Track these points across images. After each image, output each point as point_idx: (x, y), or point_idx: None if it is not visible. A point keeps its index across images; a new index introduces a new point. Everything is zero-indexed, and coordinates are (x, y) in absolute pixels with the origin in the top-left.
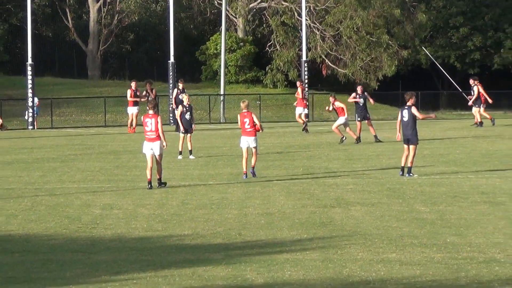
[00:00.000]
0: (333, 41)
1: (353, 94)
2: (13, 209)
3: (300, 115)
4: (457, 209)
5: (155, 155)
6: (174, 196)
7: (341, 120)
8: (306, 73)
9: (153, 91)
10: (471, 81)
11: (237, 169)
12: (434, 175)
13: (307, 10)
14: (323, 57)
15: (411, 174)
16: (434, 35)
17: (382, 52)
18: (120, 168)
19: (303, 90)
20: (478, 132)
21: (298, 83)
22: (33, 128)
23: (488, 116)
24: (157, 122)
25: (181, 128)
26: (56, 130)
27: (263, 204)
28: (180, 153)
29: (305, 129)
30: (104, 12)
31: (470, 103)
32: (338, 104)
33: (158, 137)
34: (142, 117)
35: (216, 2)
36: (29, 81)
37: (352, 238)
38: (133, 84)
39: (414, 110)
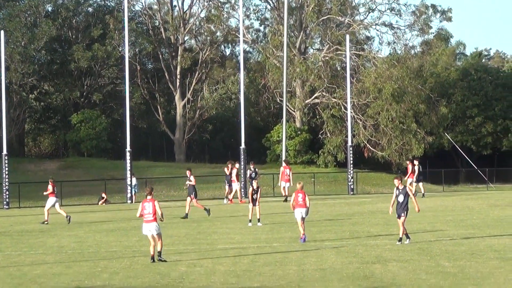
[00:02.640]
0: (372, 129)
1: None
2: (115, 267)
3: (284, 187)
4: (474, 264)
5: (154, 235)
6: (245, 256)
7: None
8: (351, 156)
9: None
10: (415, 162)
11: (296, 233)
12: (455, 237)
13: (351, 104)
14: (365, 142)
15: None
16: (454, 123)
17: (412, 138)
18: (201, 234)
19: (285, 169)
20: (491, 201)
21: (284, 164)
22: (131, 202)
23: (422, 190)
24: (154, 205)
25: (250, 202)
26: None
27: (317, 261)
28: (250, 221)
29: (286, 200)
30: (188, 108)
31: (414, 180)
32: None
33: (155, 219)
34: (141, 202)
35: (278, 99)
36: (128, 164)
37: None
38: (233, 165)
39: (408, 190)
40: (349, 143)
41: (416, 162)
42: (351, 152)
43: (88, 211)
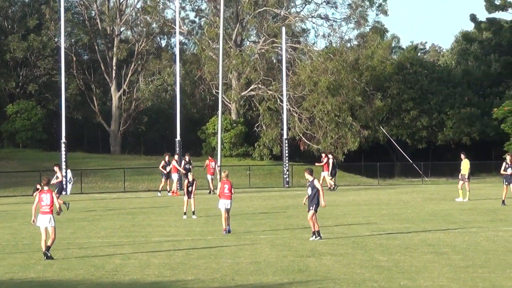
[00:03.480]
0: (308, 122)
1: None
2: (49, 259)
3: (212, 179)
4: (409, 258)
5: (48, 228)
6: (180, 248)
7: None
8: (286, 148)
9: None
10: (330, 155)
11: (231, 226)
12: (390, 231)
13: (287, 97)
14: (300, 135)
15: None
16: (390, 117)
17: (347, 131)
18: (136, 226)
19: (210, 162)
20: (426, 195)
21: (209, 158)
22: (66, 193)
23: (332, 184)
24: (52, 197)
25: (185, 194)
26: (85, 195)
27: (252, 254)
28: (185, 213)
29: (213, 192)
30: (124, 100)
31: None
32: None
33: (51, 211)
34: (38, 193)
35: (214, 91)
36: (63, 156)
37: (324, 282)
38: (173, 157)
39: (316, 183)
40: (285, 136)
41: (330, 156)
42: (286, 145)
43: (22, 202)
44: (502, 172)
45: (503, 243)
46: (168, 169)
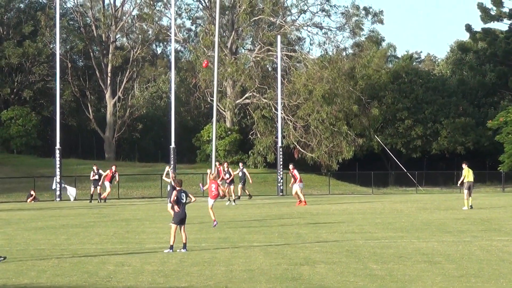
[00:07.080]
0: (303, 130)
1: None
2: (43, 265)
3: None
4: (402, 267)
5: None
6: (174, 255)
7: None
8: (281, 156)
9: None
10: (240, 165)
11: (225, 234)
12: (384, 239)
13: (282, 105)
14: (295, 143)
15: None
16: (384, 126)
17: (342, 140)
18: (130, 233)
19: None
20: (420, 205)
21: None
22: (60, 199)
23: (246, 192)
24: None
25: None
26: (79, 202)
27: (245, 262)
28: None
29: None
30: (118, 106)
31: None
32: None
33: None
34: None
35: (209, 98)
36: (57, 162)
37: None
38: (113, 167)
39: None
40: (279, 144)
41: (241, 165)
42: (281, 153)
43: (16, 208)
44: None
45: (497, 253)
46: (96, 177)
